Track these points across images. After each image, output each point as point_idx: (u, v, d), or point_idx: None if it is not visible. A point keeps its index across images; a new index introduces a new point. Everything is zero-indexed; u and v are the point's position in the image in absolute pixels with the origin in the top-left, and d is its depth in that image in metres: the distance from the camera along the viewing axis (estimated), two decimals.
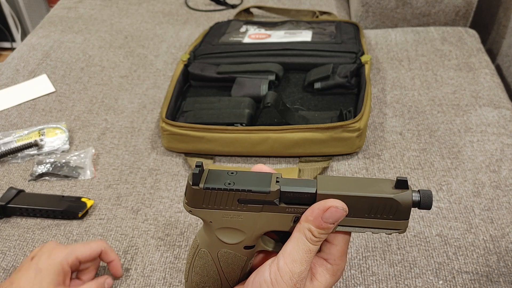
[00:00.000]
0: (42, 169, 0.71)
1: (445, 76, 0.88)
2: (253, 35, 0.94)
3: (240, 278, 0.43)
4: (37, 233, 0.63)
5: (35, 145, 0.75)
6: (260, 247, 0.41)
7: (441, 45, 0.95)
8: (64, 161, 0.73)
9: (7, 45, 2.11)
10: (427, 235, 0.60)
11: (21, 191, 0.67)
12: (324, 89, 0.79)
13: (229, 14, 1.14)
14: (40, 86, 0.90)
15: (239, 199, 0.38)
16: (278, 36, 0.93)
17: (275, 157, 0.73)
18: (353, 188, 0.37)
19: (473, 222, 0.61)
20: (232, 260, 0.42)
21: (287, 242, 0.38)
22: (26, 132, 0.78)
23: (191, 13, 1.15)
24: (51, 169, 0.71)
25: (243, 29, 0.97)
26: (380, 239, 0.60)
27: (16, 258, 0.60)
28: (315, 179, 0.38)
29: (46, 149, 0.75)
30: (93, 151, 0.75)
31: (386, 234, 0.39)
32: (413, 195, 0.37)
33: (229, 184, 0.38)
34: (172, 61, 0.96)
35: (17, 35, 2.08)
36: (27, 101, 0.87)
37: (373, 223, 0.38)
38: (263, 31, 0.96)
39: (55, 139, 0.77)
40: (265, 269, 0.39)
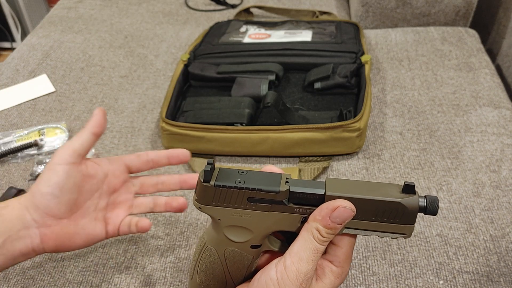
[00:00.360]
0: (42, 169, 0.72)
1: (445, 76, 0.88)
2: (253, 35, 0.94)
3: (245, 277, 0.43)
4: None
5: (35, 145, 0.75)
6: (266, 247, 0.42)
7: (441, 45, 0.95)
8: None
9: (7, 45, 2.11)
10: (428, 235, 0.60)
11: (21, 191, 0.67)
12: (324, 89, 0.79)
13: (229, 14, 1.14)
14: (40, 86, 0.90)
15: (248, 198, 0.39)
16: (278, 36, 0.93)
17: (275, 157, 0.73)
18: (361, 191, 0.38)
19: (473, 222, 0.61)
20: (238, 258, 0.42)
21: (294, 241, 0.39)
22: (26, 132, 0.78)
23: (191, 13, 1.15)
24: None
25: (243, 29, 0.97)
26: (380, 239, 0.60)
27: None
28: (324, 181, 0.39)
29: (46, 149, 0.75)
30: (93, 151, 0.75)
31: (391, 238, 0.39)
32: (420, 200, 0.38)
33: (239, 182, 0.39)
34: (172, 61, 0.97)
35: (17, 35, 2.08)
36: (27, 101, 0.87)
37: (380, 226, 0.38)
38: (263, 31, 0.96)
39: (55, 139, 0.77)
40: (271, 268, 0.39)
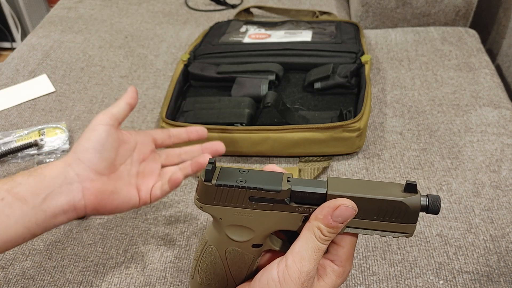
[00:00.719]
0: None
1: (445, 76, 0.88)
2: (253, 35, 0.94)
3: (246, 276, 0.43)
4: None
5: (35, 145, 0.75)
6: (267, 247, 0.42)
7: (441, 45, 0.95)
8: None
9: (7, 45, 2.11)
10: (427, 235, 0.60)
11: None
12: (324, 89, 0.79)
13: (229, 14, 1.14)
14: (40, 86, 0.90)
15: (250, 197, 0.39)
16: (278, 36, 0.93)
17: (275, 157, 0.73)
18: (363, 190, 0.38)
19: (473, 222, 0.61)
20: (239, 258, 0.42)
21: (296, 240, 0.39)
22: (26, 132, 0.78)
23: (191, 13, 1.15)
24: None
25: (243, 29, 0.97)
26: (380, 239, 0.60)
27: (14, 257, 0.60)
28: (326, 180, 0.39)
29: (46, 149, 0.75)
30: None
31: (393, 237, 0.39)
32: (422, 199, 0.38)
33: (241, 181, 0.39)
34: (172, 61, 0.97)
35: (17, 35, 2.08)
36: (27, 101, 0.87)
37: (381, 225, 0.38)
38: (263, 31, 0.96)
39: (55, 139, 0.77)
40: (273, 267, 0.39)
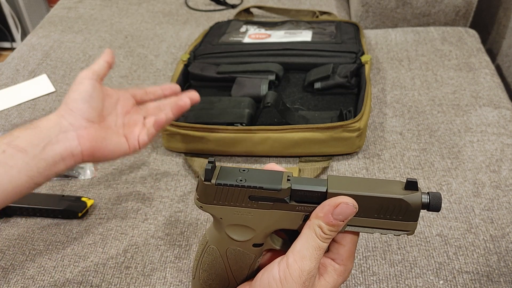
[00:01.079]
0: None
1: (445, 76, 0.88)
2: (253, 35, 0.94)
3: (247, 276, 0.43)
4: (36, 233, 0.63)
5: None
6: (268, 246, 0.42)
7: (441, 45, 0.95)
8: None
9: (7, 45, 2.11)
10: (427, 235, 0.60)
11: None
12: (324, 89, 0.79)
13: (229, 14, 1.14)
14: (40, 86, 0.90)
15: (250, 196, 0.39)
16: (278, 36, 0.93)
17: (275, 157, 0.73)
18: (364, 188, 0.38)
19: (473, 222, 0.61)
20: (240, 257, 0.42)
21: (297, 239, 0.39)
22: None
23: (191, 13, 1.15)
24: None
25: (243, 29, 0.97)
26: (380, 239, 0.60)
27: (15, 257, 0.60)
28: (326, 179, 0.39)
29: None
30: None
31: (394, 235, 0.39)
32: (423, 197, 0.37)
33: (240, 180, 0.38)
34: (172, 61, 0.97)
35: (17, 35, 2.08)
36: (27, 101, 0.87)
37: (382, 223, 0.38)
38: (263, 31, 0.96)
39: None
40: (274, 267, 0.39)
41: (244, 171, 0.39)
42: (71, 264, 0.59)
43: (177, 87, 0.65)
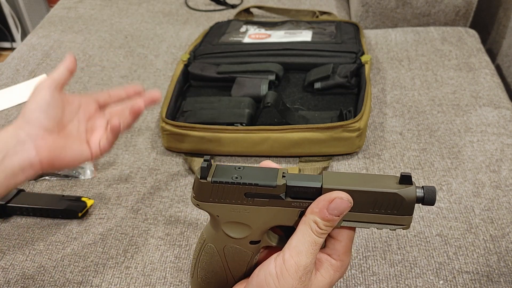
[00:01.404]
0: None
1: (445, 76, 0.88)
2: (253, 35, 0.94)
3: (245, 273, 0.43)
4: (36, 233, 0.63)
5: None
6: (265, 243, 0.42)
7: (441, 45, 0.95)
8: None
9: (7, 45, 2.11)
10: (428, 235, 0.60)
11: (21, 191, 0.67)
12: (324, 89, 0.79)
13: (229, 14, 1.14)
14: None
15: (246, 193, 0.39)
16: (278, 36, 0.93)
17: (275, 157, 0.73)
18: (358, 183, 0.38)
19: (473, 222, 0.61)
20: (238, 255, 0.42)
21: (293, 235, 0.39)
22: None
23: (191, 13, 1.15)
24: None
25: (243, 29, 0.97)
26: (380, 239, 0.60)
27: (15, 257, 0.60)
28: (321, 174, 0.39)
29: None
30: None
31: (390, 230, 0.39)
32: (417, 191, 0.37)
33: (236, 178, 0.39)
34: (172, 61, 0.97)
35: (17, 35, 2.08)
36: None
37: (378, 218, 0.38)
38: (263, 31, 0.96)
39: None
40: (270, 262, 0.39)
41: (239, 168, 0.40)
42: (71, 264, 0.59)
43: (139, 88, 0.63)
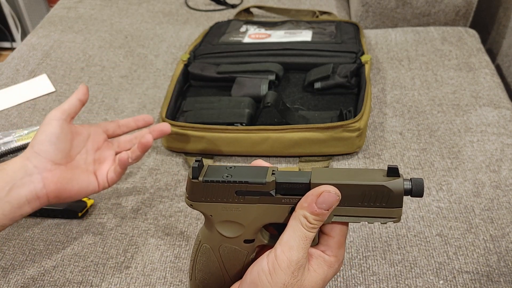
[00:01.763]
0: None
1: (445, 76, 0.88)
2: (253, 35, 0.94)
3: (242, 273, 0.43)
4: (36, 232, 0.63)
5: None
6: (259, 242, 0.42)
7: (441, 45, 0.95)
8: None
9: (7, 45, 2.11)
10: (427, 235, 0.60)
11: None
12: (324, 89, 0.79)
13: (229, 14, 1.14)
14: (40, 86, 0.90)
15: (236, 191, 0.40)
16: (278, 36, 0.93)
17: (275, 156, 0.73)
18: (346, 177, 0.39)
19: (473, 222, 0.61)
20: (233, 255, 0.42)
21: (284, 231, 0.39)
22: (26, 131, 0.78)
23: (191, 13, 1.15)
24: None
25: (243, 29, 0.97)
26: (380, 239, 0.60)
27: (15, 257, 0.60)
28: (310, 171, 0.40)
29: None
30: None
31: (381, 223, 0.40)
32: (405, 183, 0.38)
33: (227, 176, 0.40)
34: (172, 61, 0.97)
35: (17, 35, 2.08)
36: (27, 101, 0.87)
37: (367, 211, 0.39)
38: (263, 31, 0.96)
39: None
40: (263, 259, 0.39)
41: (230, 168, 0.41)
42: (71, 264, 0.59)
43: (149, 118, 0.65)
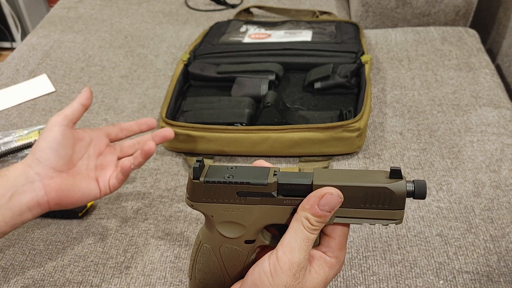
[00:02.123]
0: None
1: (445, 76, 0.88)
2: (253, 35, 0.94)
3: (242, 274, 0.43)
4: (36, 232, 0.63)
5: None
6: (260, 242, 0.42)
7: (441, 45, 0.95)
8: None
9: (7, 45, 2.11)
10: (428, 235, 0.60)
11: None
12: (324, 89, 0.79)
13: (229, 14, 1.14)
14: (40, 86, 0.90)
15: (238, 192, 0.39)
16: (278, 36, 0.93)
17: (275, 157, 0.73)
18: (348, 179, 0.38)
19: (473, 222, 0.61)
20: (233, 255, 0.42)
21: (286, 232, 0.39)
22: (26, 132, 0.78)
23: (191, 13, 1.15)
24: None
25: (243, 29, 0.97)
26: (380, 239, 0.60)
27: (15, 257, 0.60)
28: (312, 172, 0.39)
29: None
30: None
31: (383, 225, 0.39)
32: (407, 185, 0.38)
33: (228, 177, 0.39)
34: (172, 61, 0.97)
35: (17, 35, 2.08)
36: (27, 101, 0.87)
37: (369, 213, 0.39)
38: (263, 31, 0.96)
39: None
40: (264, 261, 0.39)
41: (232, 168, 0.40)
42: (71, 264, 0.59)
43: (153, 122, 0.64)
